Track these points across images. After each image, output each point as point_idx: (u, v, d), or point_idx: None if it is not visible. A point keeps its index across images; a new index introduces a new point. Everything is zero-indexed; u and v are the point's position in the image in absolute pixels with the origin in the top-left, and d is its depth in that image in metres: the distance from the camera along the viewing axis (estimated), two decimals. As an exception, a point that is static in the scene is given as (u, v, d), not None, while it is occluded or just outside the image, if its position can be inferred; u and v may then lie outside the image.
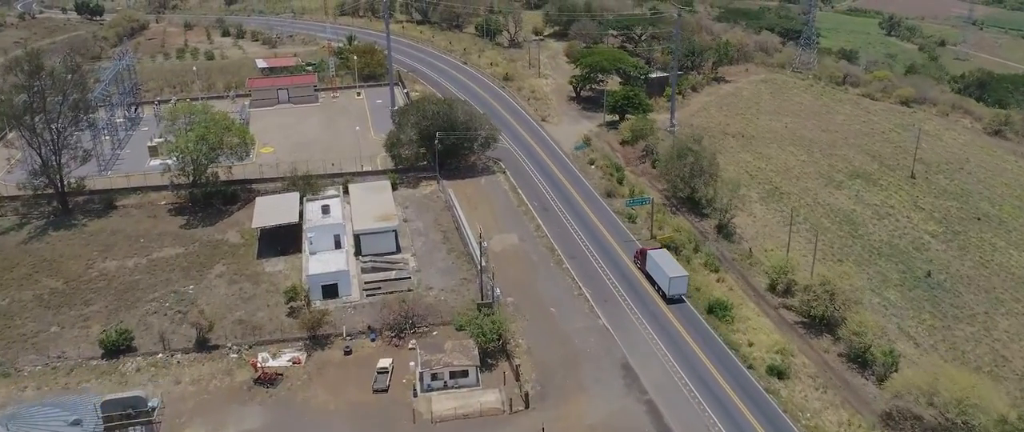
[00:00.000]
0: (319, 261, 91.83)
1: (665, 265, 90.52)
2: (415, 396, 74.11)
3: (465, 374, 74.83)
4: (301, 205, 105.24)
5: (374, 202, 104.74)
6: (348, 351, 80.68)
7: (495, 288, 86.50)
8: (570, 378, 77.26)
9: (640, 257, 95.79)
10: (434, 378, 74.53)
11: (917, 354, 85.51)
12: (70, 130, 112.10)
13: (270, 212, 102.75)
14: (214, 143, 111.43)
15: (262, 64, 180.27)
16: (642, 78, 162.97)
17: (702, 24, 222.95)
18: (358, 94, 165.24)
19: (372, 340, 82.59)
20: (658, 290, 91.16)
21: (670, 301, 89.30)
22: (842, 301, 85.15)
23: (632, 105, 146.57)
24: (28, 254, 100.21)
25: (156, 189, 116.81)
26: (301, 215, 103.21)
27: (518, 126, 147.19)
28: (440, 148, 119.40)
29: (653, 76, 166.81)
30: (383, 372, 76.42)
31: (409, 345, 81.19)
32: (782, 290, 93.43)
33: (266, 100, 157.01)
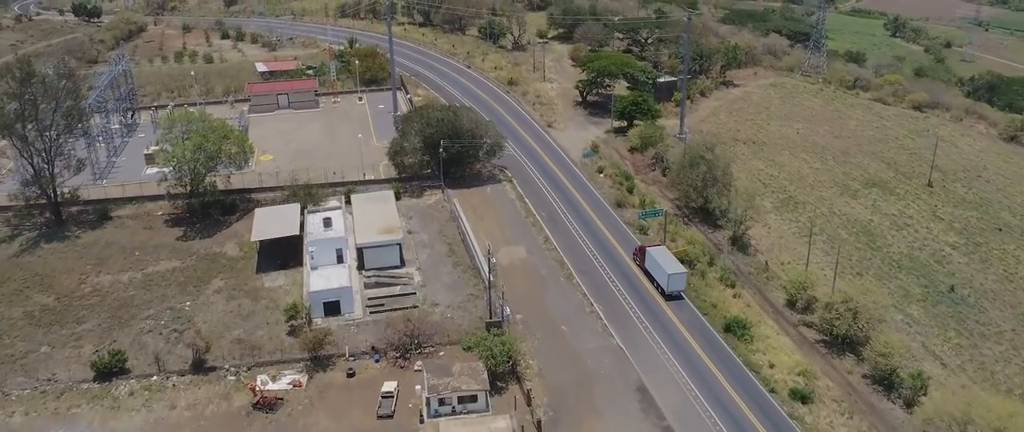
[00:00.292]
0: (321, 277, 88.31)
1: (664, 262, 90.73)
2: (422, 422, 70.65)
3: (474, 399, 71.35)
4: (302, 216, 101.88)
5: (377, 213, 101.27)
6: (351, 373, 77.20)
7: (505, 307, 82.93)
8: (584, 402, 73.79)
9: (639, 254, 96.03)
10: (442, 403, 71.03)
11: (944, 375, 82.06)
12: (63, 138, 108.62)
13: (270, 224, 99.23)
14: (212, 152, 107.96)
15: (262, 68, 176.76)
16: (650, 83, 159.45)
17: (708, 26, 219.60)
18: (360, 99, 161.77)
19: (376, 361, 79.12)
20: (657, 287, 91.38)
21: (669, 298, 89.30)
22: (866, 320, 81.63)
23: (640, 111, 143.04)
24: (19, 268, 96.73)
25: (152, 199, 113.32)
26: (302, 226, 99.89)
27: (523, 132, 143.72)
28: (445, 156, 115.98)
29: (661, 81, 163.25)
30: (388, 396, 72.96)
31: (415, 366, 77.73)
32: (802, 307, 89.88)
33: (266, 105, 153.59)
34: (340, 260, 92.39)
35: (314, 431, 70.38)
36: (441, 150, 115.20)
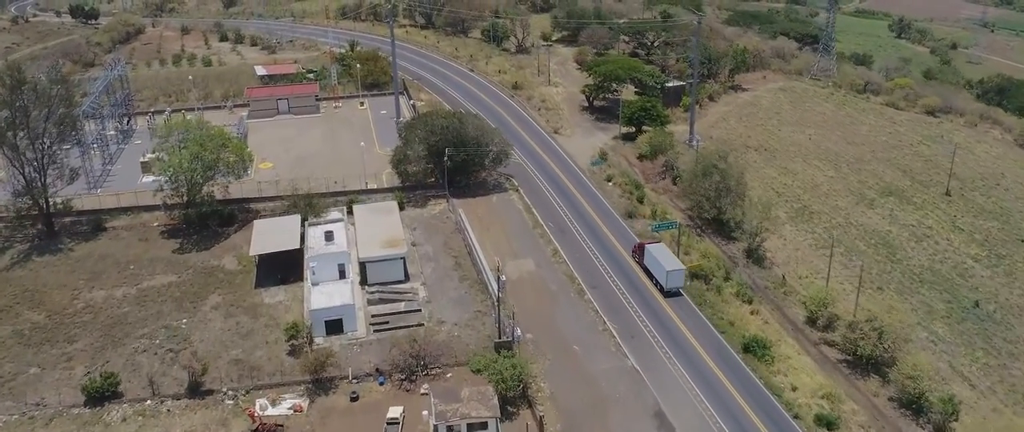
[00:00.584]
0: (322, 293, 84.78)
1: (663, 259, 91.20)
2: (429, 451, 67.39)
3: (484, 426, 67.87)
4: (302, 228, 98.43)
5: (381, 225, 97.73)
6: (355, 397, 73.70)
7: (515, 328, 79.33)
8: (598, 428, 70.32)
9: (638, 251, 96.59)
10: (450, 431, 67.57)
11: (974, 398, 78.63)
12: (56, 147, 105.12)
13: (269, 237, 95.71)
14: (210, 161, 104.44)
15: (261, 71, 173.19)
16: (658, 87, 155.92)
17: (714, 28, 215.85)
18: (361, 104, 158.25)
19: (381, 384, 75.61)
20: (656, 284, 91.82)
21: (668, 294, 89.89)
22: (892, 340, 78.14)
23: (649, 116, 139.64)
24: (9, 283, 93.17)
25: (148, 209, 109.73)
26: (302, 238, 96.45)
27: (529, 139, 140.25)
28: (449, 165, 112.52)
29: (669, 85, 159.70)
30: (393, 423, 69.45)
31: (421, 390, 74.25)
32: (823, 325, 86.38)
33: (265, 111, 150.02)
34: (342, 275, 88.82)
35: (316, 460, 67.08)
36: (446, 158, 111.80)
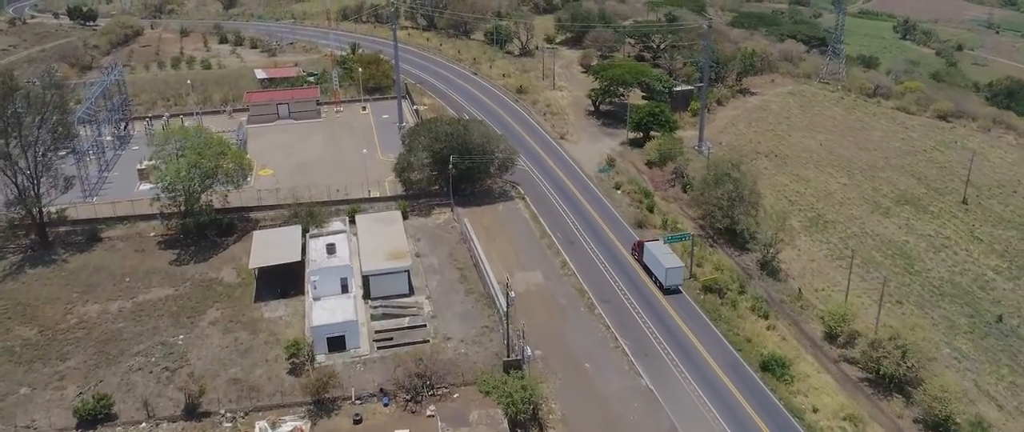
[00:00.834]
0: (324, 309, 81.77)
1: (662, 257, 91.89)
2: (436, 478, 64.46)
3: (494, 452, 65.12)
4: (303, 239, 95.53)
5: (384, 236, 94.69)
6: (358, 419, 70.69)
7: (525, 347, 76.32)
8: (613, 453, 67.55)
9: (637, 249, 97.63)
10: (458, 457, 64.79)
11: (1002, 419, 75.61)
12: (50, 155, 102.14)
13: (269, 249, 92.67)
14: (208, 169, 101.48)
15: (261, 75, 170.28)
16: (666, 92, 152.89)
17: (720, 31, 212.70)
18: (363, 108, 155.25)
19: (385, 405, 72.59)
20: (655, 281, 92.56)
21: (667, 291, 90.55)
22: (916, 359, 75.14)
23: (658, 122, 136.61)
24: (0, 297, 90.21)
25: (145, 218, 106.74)
26: (303, 248, 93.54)
27: (535, 144, 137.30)
28: (454, 173, 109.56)
29: (677, 90, 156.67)
30: (399, 448, 66.68)
31: (427, 412, 71.26)
32: (843, 342, 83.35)
33: (265, 116, 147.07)
34: (345, 289, 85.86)
35: (318, 488, 64.16)
36: (450, 166, 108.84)
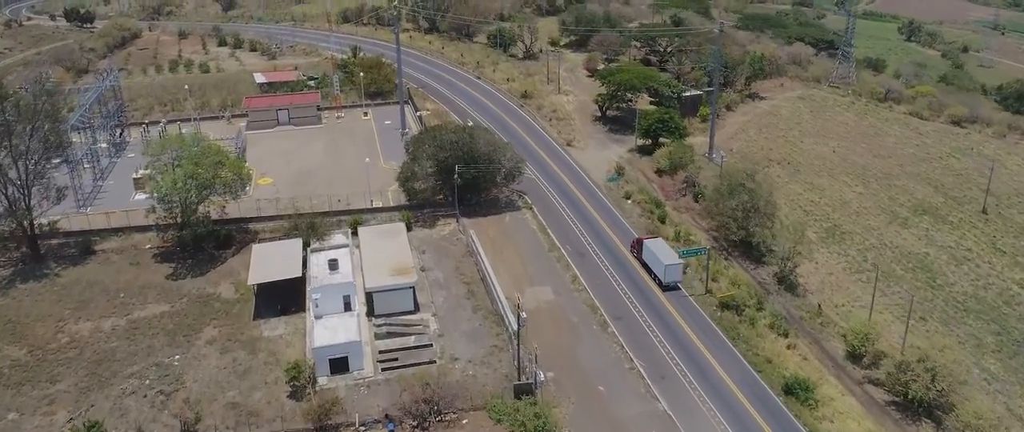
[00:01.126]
0: (326, 328, 78.33)
1: (661, 254, 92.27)
2: (445, 512, 61.05)
3: (506, 485, 61.70)
4: (304, 252, 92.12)
5: (388, 250, 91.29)
6: (362, 447, 67.52)
7: (538, 372, 72.82)
8: (630, 484, 64.15)
9: (637, 246, 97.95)
10: (468, 490, 61.39)
11: (1037, 446, 72.36)
12: (42, 165, 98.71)
13: (269, 264, 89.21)
14: (205, 180, 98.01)
15: (261, 79, 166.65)
16: (675, 97, 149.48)
17: (727, 34, 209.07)
18: (365, 114, 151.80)
19: (390, 431, 69.25)
20: (654, 278, 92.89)
21: (666, 288, 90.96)
22: (948, 382, 71.74)
23: (667, 129, 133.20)
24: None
25: (140, 230, 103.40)
26: (304, 263, 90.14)
27: (541, 151, 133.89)
28: (459, 182, 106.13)
29: (686, 95, 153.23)
30: (405, 479, 63.30)
31: (435, 439, 68.00)
32: (868, 363, 79.94)
33: (264, 122, 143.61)
34: (348, 307, 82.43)
35: (320, 523, 60.72)
36: (456, 175, 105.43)
